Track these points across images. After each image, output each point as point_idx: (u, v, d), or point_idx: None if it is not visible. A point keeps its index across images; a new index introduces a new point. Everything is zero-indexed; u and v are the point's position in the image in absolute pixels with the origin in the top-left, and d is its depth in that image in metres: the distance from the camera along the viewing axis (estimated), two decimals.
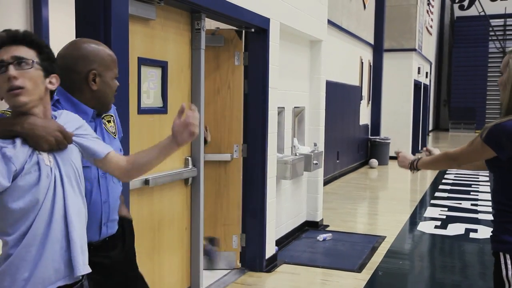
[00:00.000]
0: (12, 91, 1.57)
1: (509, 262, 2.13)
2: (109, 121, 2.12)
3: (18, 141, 1.61)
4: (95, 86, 1.97)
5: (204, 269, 4.09)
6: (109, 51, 2.05)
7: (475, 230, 6.38)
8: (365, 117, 12.75)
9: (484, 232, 6.28)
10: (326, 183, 9.00)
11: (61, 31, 7.82)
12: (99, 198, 2.01)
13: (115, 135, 2.12)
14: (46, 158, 1.64)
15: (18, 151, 1.59)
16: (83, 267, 1.71)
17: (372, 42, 12.98)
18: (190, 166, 3.81)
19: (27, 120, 1.61)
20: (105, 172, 1.99)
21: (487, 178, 10.91)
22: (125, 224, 2.27)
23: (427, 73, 17.98)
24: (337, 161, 10.40)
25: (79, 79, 1.96)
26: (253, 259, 4.69)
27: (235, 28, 4.51)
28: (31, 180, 1.60)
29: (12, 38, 1.61)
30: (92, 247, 1.98)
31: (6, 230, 1.62)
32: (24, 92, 1.59)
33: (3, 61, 1.57)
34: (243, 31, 4.53)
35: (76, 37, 2.80)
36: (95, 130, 2.00)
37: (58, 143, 1.65)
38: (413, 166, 2.55)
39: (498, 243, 2.20)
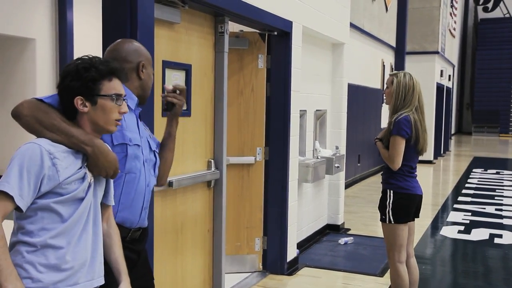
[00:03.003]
0: (118, 121, 1.81)
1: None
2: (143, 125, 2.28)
3: (74, 153, 1.73)
4: (142, 75, 2.18)
5: (226, 273, 4.11)
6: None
7: (500, 236, 6.28)
8: (386, 120, 12.63)
9: (510, 238, 6.18)
10: (347, 186, 8.96)
11: (86, 33, 7.94)
12: (144, 180, 2.13)
13: (150, 135, 2.28)
14: (89, 175, 1.77)
15: (71, 163, 1.70)
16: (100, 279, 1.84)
17: (394, 45, 12.89)
18: (213, 169, 3.84)
19: (99, 144, 1.77)
20: (148, 159, 2.16)
21: None
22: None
23: (450, 76, 17.79)
24: (358, 164, 10.34)
25: (130, 68, 2.16)
26: (275, 262, 4.70)
27: (258, 31, 4.53)
28: (70, 189, 1.70)
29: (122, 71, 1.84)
30: (129, 239, 2.11)
31: (37, 232, 1.67)
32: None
33: (121, 96, 1.79)
34: (267, 34, 4.54)
35: (103, 40, 2.85)
36: (136, 120, 2.16)
37: (108, 176, 1.81)
38: (374, 141, 3.67)
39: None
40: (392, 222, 3.45)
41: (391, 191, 3.47)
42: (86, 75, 1.72)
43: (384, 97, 3.66)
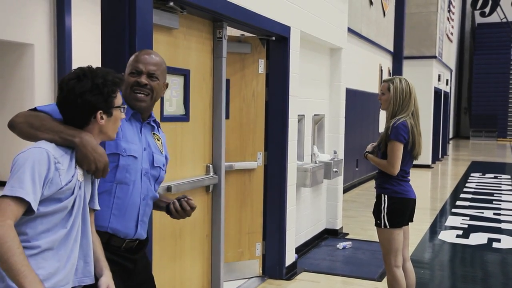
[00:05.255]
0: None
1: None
2: (158, 139, 2.27)
3: (70, 157, 1.76)
4: None
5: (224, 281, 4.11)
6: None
7: (498, 240, 6.29)
8: (384, 124, 12.66)
9: (508, 242, 6.19)
10: (345, 191, 8.96)
11: (84, 39, 7.95)
12: (138, 193, 2.12)
13: (161, 151, 2.27)
14: (80, 174, 1.79)
15: (71, 165, 1.74)
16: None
17: (391, 49, 12.92)
18: (211, 174, 3.84)
19: (85, 136, 1.78)
20: (148, 172, 2.15)
21: (510, 187, 10.76)
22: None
23: (447, 80, 17.83)
24: (356, 169, 10.35)
25: None
26: (273, 266, 4.69)
27: (256, 36, 4.53)
28: (68, 194, 1.74)
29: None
30: (123, 248, 2.11)
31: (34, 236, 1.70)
32: None
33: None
34: (267, 39, 4.54)
35: (102, 45, 2.86)
36: (138, 132, 2.18)
37: (96, 171, 1.80)
38: (364, 155, 3.70)
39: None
40: (388, 227, 3.47)
41: (386, 196, 3.48)
42: (107, 90, 1.79)
43: (380, 103, 3.65)
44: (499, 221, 7.40)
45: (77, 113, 1.78)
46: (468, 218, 7.58)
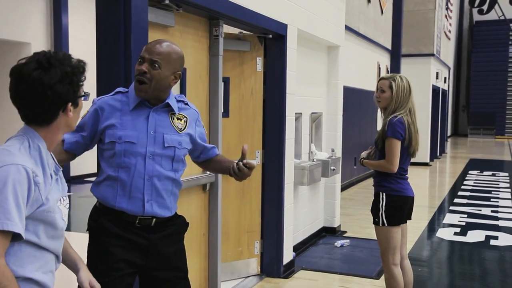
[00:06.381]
0: None
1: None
2: (179, 119, 2.31)
3: (41, 151, 1.62)
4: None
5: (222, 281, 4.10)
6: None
7: (496, 237, 6.29)
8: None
9: (505, 240, 6.19)
10: (343, 189, 8.95)
11: (80, 37, 7.94)
12: (142, 174, 2.19)
13: (180, 131, 2.29)
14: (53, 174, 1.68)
15: (45, 170, 1.61)
16: None
17: (389, 47, 12.92)
18: (208, 172, 3.83)
19: None
20: (155, 154, 2.20)
21: (508, 185, 10.77)
22: (181, 222, 2.43)
23: (445, 78, 17.84)
24: (354, 167, 10.35)
25: None
26: (271, 265, 4.69)
27: (252, 34, 4.52)
28: (53, 211, 1.65)
29: None
30: (139, 224, 2.20)
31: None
32: None
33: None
34: (264, 36, 4.53)
35: (97, 44, 2.85)
36: (141, 118, 2.22)
37: None
38: (360, 162, 3.71)
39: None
40: (386, 225, 3.48)
41: (384, 194, 3.48)
42: (76, 79, 1.62)
43: (378, 101, 3.57)
44: (497, 218, 7.40)
45: (46, 108, 1.58)
46: (466, 215, 7.59)
